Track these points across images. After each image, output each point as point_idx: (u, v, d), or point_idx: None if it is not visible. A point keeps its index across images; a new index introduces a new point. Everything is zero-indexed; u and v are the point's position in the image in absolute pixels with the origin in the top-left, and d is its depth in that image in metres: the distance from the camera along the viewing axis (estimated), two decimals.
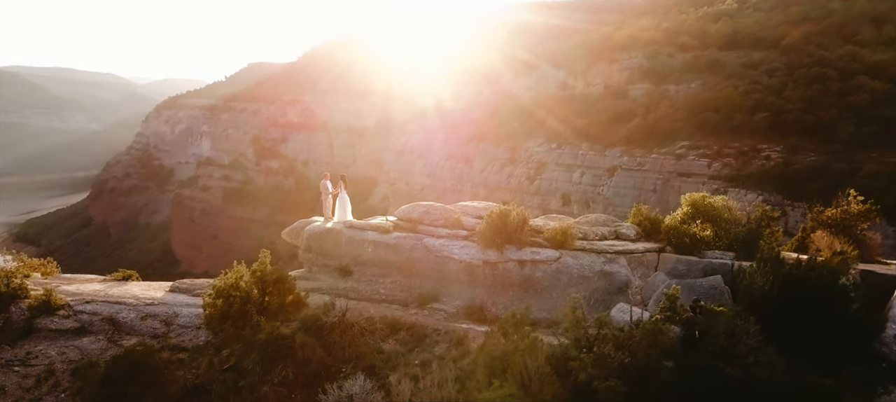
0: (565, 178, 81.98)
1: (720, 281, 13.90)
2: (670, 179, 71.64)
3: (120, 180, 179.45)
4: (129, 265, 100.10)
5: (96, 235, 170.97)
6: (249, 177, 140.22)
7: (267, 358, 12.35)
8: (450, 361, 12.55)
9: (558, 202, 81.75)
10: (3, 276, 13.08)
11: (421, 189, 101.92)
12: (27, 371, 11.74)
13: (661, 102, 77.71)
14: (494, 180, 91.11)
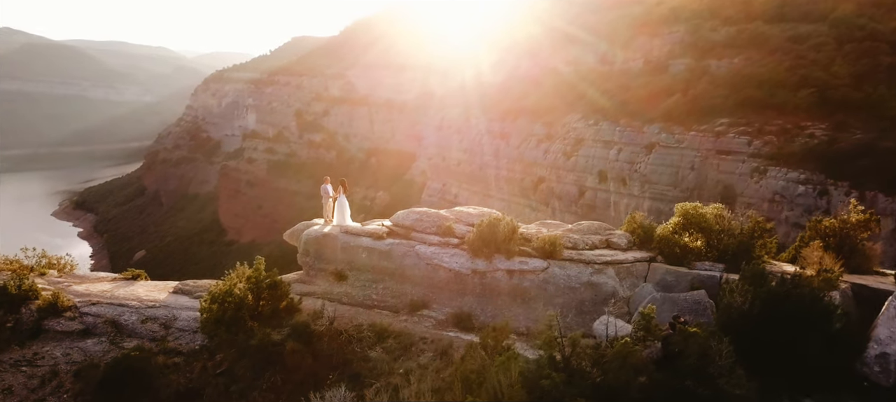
0: (602, 154, 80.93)
1: (704, 296, 13.97)
2: (709, 156, 70.02)
3: (170, 151, 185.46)
4: (178, 235, 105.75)
5: (149, 203, 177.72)
6: (293, 150, 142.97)
7: (258, 364, 13.12)
8: (432, 371, 13.07)
9: (595, 179, 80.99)
10: (15, 278, 14.13)
11: (458, 164, 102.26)
12: (33, 372, 12.76)
13: (702, 77, 75.68)
14: (531, 156, 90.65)
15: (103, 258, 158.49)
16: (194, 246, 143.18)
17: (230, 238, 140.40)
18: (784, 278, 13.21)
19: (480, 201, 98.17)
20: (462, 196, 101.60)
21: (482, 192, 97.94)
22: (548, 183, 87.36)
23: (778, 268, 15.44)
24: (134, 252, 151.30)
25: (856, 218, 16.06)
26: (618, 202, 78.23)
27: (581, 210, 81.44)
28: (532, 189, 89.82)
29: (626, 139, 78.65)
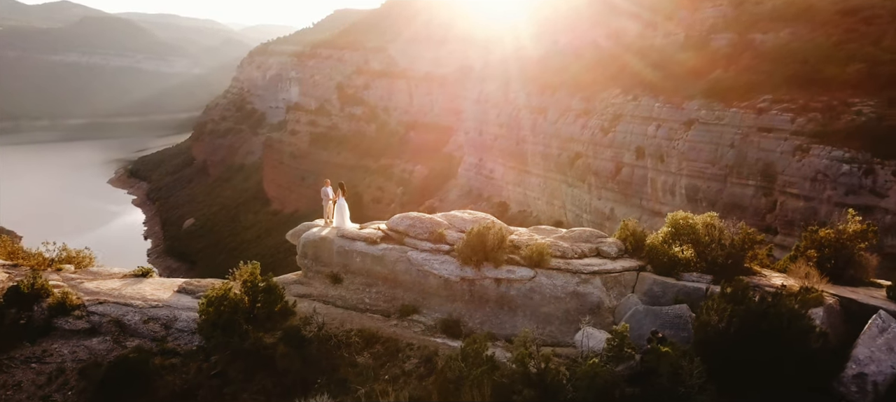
0: (640, 130, 79.50)
1: (686, 310, 14.04)
2: (750, 134, 68.02)
3: (217, 123, 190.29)
4: (224, 205, 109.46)
5: (197, 173, 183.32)
6: (334, 122, 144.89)
7: (250, 366, 13.89)
8: (415, 378, 13.60)
9: (632, 155, 79.77)
10: (30, 276, 15.20)
11: (494, 139, 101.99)
12: (41, 369, 13.77)
13: (745, 52, 73.27)
14: (568, 131, 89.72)
15: (155, 225, 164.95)
16: (241, 215, 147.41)
17: (274, 208, 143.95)
18: (764, 295, 13.17)
19: (517, 177, 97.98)
20: (498, 172, 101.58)
21: (518, 167, 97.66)
22: (585, 159, 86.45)
23: (766, 280, 15.33)
24: (183, 220, 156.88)
25: (853, 228, 15.76)
26: (655, 179, 77.01)
27: (617, 186, 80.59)
28: (569, 165, 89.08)
29: (665, 115, 76.98)
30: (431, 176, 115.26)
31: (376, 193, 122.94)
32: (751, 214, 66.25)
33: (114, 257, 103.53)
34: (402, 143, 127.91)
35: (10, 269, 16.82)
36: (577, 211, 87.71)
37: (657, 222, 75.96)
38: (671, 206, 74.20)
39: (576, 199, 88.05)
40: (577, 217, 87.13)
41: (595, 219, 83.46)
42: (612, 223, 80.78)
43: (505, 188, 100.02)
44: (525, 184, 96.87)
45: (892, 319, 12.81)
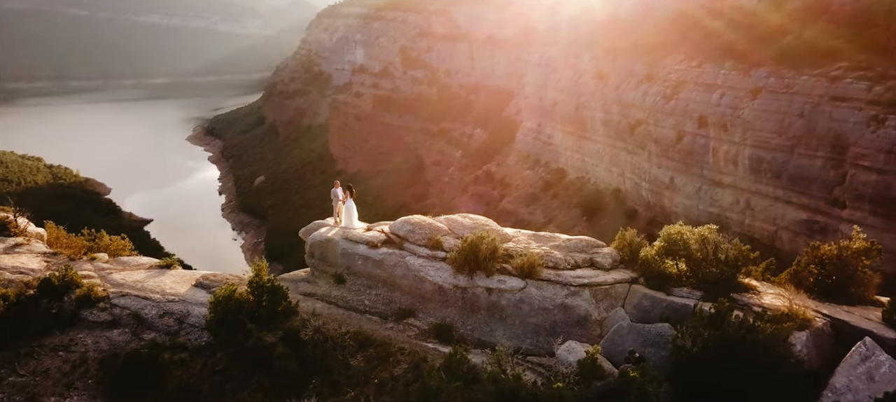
0: (703, 98, 76.46)
1: (668, 329, 14.07)
2: (821, 103, 64.26)
3: (286, 84, 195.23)
4: (293, 164, 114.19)
5: (267, 133, 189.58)
6: (397, 85, 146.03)
7: (250, 365, 14.94)
8: (402, 384, 14.33)
9: (694, 124, 77.02)
10: (61, 268, 16.70)
11: (554, 104, 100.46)
12: (67, 357, 15.26)
13: (822, 16, 68.74)
14: (629, 98, 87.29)
15: (229, 181, 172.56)
16: (307, 174, 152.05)
17: (339, 168, 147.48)
18: (744, 320, 13.04)
19: (575, 143, 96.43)
20: (556, 138, 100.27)
21: (577, 133, 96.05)
22: (645, 126, 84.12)
23: (757, 299, 15.08)
24: (254, 178, 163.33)
25: (858, 245, 15.19)
26: (717, 149, 74.22)
27: (678, 155, 78.22)
28: (628, 132, 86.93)
29: (731, 82, 73.62)
30: (490, 140, 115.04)
31: (437, 157, 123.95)
32: (818, 186, 63.26)
33: (191, 211, 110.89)
34: (462, 106, 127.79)
35: (49, 257, 18.53)
36: (635, 179, 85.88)
37: (717, 193, 73.82)
38: (733, 176, 71.63)
39: (635, 167, 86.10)
40: (636, 186, 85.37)
41: (653, 187, 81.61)
42: (672, 193, 78.76)
43: (563, 154, 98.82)
44: (583, 150, 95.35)
45: (876, 347, 12.47)
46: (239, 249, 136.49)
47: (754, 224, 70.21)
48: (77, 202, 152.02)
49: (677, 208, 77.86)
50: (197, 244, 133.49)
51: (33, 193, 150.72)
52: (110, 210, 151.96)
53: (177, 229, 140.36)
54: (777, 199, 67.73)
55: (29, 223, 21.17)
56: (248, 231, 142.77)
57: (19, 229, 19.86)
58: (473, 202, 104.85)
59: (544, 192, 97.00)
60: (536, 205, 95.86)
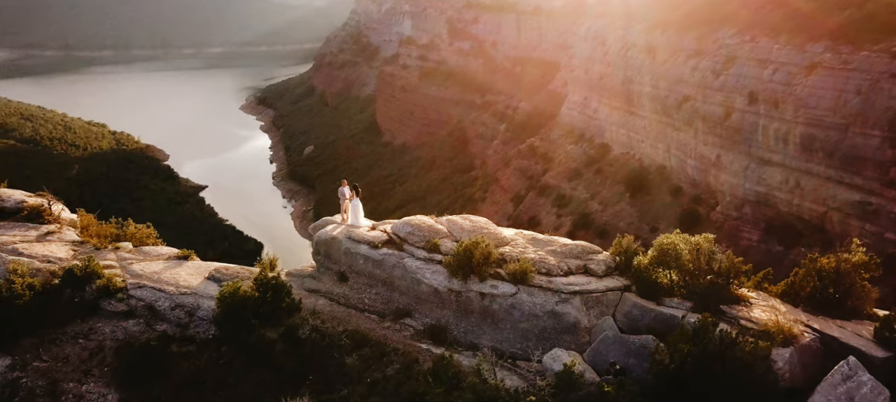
0: (755, 74, 73.66)
1: (650, 341, 14.11)
2: (881, 80, 61.15)
3: (335, 55, 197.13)
4: (340, 135, 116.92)
5: (317, 103, 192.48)
6: (443, 57, 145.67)
7: (252, 359, 15.70)
8: (393, 385, 14.86)
9: (744, 100, 74.47)
10: (85, 260, 17.77)
11: (600, 78, 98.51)
12: (86, 345, 16.31)
13: None
14: (676, 73, 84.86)
15: (279, 151, 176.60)
16: (354, 145, 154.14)
17: (385, 140, 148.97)
18: (723, 338, 12.98)
19: (621, 119, 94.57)
20: (602, 112, 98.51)
21: (623, 108, 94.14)
22: (693, 102, 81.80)
23: (746, 312, 14.92)
24: (304, 147, 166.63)
25: (857, 259, 14.79)
26: (767, 126, 71.67)
27: (725, 132, 75.93)
28: (676, 108, 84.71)
29: (784, 58, 70.64)
30: (535, 113, 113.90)
31: (481, 130, 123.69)
32: (872, 166, 60.72)
33: (244, 179, 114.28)
34: (507, 79, 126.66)
35: (77, 246, 19.73)
36: (681, 156, 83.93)
37: (765, 172, 71.48)
38: (783, 155, 69.23)
39: (681, 144, 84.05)
40: (681, 163, 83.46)
41: (699, 165, 79.66)
42: (718, 170, 76.70)
43: (608, 129, 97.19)
44: (629, 125, 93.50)
45: (859, 367, 12.24)
46: (289, 216, 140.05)
47: (803, 205, 67.92)
48: (138, 168, 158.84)
49: (723, 186, 75.92)
50: (249, 211, 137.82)
51: (98, 159, 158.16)
52: (169, 176, 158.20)
53: (230, 196, 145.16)
54: (829, 179, 65.22)
55: (63, 209, 22.49)
56: (298, 199, 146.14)
57: (53, 216, 21.22)
58: (516, 176, 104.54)
59: (588, 167, 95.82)
60: (579, 180, 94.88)
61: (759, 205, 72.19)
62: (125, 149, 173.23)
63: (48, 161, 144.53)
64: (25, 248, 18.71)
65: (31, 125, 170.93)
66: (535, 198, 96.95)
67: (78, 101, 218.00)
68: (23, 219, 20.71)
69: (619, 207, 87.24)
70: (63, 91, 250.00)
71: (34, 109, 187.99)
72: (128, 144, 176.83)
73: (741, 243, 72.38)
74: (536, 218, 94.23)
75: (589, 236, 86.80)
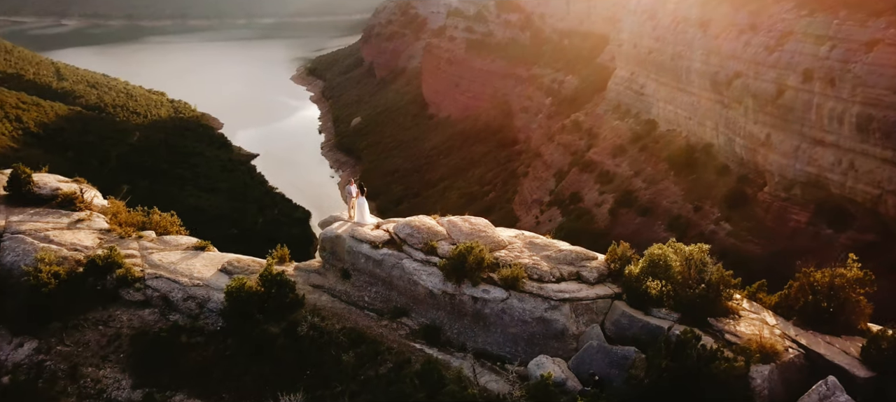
0: (811, 51, 70.48)
1: (632, 353, 14.20)
2: None
3: (384, 26, 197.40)
4: (387, 105, 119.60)
5: (365, 75, 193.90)
6: (490, 29, 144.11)
7: (255, 352, 16.49)
8: (384, 383, 15.46)
9: (798, 78, 71.49)
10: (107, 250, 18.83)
11: (649, 53, 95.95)
12: (105, 331, 17.38)
13: None
14: (728, 48, 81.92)
15: (328, 121, 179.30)
16: (400, 117, 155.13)
17: (430, 112, 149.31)
18: (700, 354, 12.98)
19: (668, 94, 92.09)
20: (649, 87, 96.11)
21: (671, 84, 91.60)
22: (744, 79, 78.97)
23: (732, 326, 14.78)
24: (351, 118, 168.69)
25: (853, 274, 14.42)
26: (821, 105, 68.69)
27: (777, 111, 73.20)
28: (726, 85, 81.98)
29: (844, 34, 67.31)
30: (581, 87, 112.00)
31: (526, 103, 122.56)
32: None
33: (293, 148, 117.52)
34: (554, 52, 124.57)
35: (103, 234, 20.88)
36: (729, 134, 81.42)
37: (817, 153, 68.90)
38: (837, 135, 66.45)
39: (730, 122, 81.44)
40: (729, 141, 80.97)
41: (748, 144, 77.15)
42: (767, 150, 74.14)
43: (655, 105, 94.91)
44: (676, 102, 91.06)
45: (837, 387, 12.08)
46: (336, 186, 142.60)
47: (856, 187, 65.25)
48: (194, 135, 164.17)
49: (772, 166, 73.44)
50: (297, 180, 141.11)
51: (158, 126, 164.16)
52: (222, 144, 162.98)
53: (280, 165, 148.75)
54: (885, 161, 62.35)
55: (96, 196, 23.78)
56: (345, 170, 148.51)
57: (84, 203, 22.49)
58: (559, 152, 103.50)
59: (632, 143, 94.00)
60: (623, 157, 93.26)
61: (809, 186, 69.70)
62: (182, 117, 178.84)
63: (111, 127, 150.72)
64: (56, 235, 19.99)
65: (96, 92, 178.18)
66: (578, 174, 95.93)
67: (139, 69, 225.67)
68: (57, 205, 22.03)
69: (663, 185, 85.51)
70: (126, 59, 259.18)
71: (99, 77, 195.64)
72: (185, 112, 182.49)
73: (789, 224, 70.20)
74: (578, 194, 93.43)
75: (631, 214, 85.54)
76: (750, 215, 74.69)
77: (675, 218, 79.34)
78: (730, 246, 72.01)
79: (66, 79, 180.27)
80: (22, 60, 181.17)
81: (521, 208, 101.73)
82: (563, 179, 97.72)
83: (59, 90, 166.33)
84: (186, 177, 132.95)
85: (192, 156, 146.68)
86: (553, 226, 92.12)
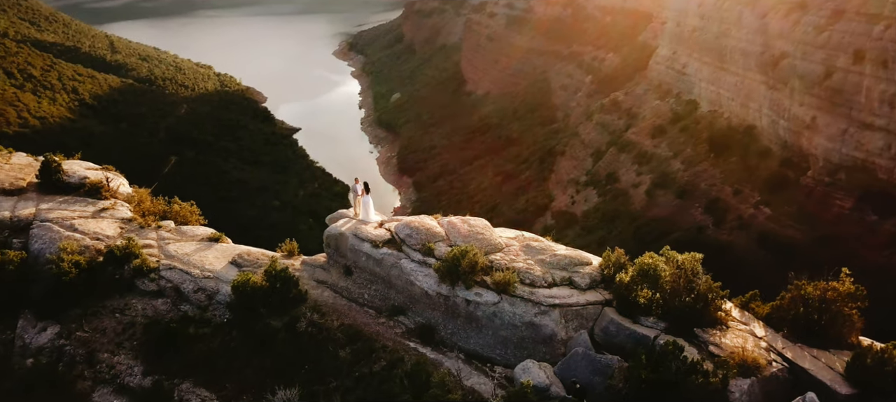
0: (863, 30, 67.51)
1: (614, 362, 14.31)
2: None
3: (424, 2, 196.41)
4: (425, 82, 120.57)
5: (405, 51, 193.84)
6: (530, 5, 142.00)
7: (258, 345, 17.15)
8: (376, 381, 15.98)
9: (848, 59, 68.68)
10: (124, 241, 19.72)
11: (692, 31, 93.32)
12: (121, 319, 18.28)
13: None
14: (776, 27, 79.12)
15: (368, 97, 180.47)
16: (438, 94, 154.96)
17: (469, 89, 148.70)
18: (679, 366, 13.03)
19: (711, 74, 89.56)
20: (691, 67, 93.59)
21: (714, 64, 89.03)
22: (791, 59, 76.19)
23: (718, 337, 14.68)
24: (391, 95, 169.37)
25: (845, 289, 14.15)
26: (872, 88, 65.96)
27: (824, 93, 70.55)
28: (771, 65, 79.30)
29: None
30: (622, 66, 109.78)
31: (565, 81, 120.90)
32: None
33: (334, 123, 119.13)
34: (596, 30, 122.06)
35: (125, 223, 21.84)
36: (773, 116, 78.90)
37: (866, 137, 66.45)
38: (888, 119, 63.89)
39: (774, 103, 78.86)
40: (773, 123, 78.48)
41: (792, 126, 74.67)
42: (812, 133, 71.69)
43: (696, 85, 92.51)
44: (719, 82, 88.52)
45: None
46: (374, 161, 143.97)
47: None
48: (239, 109, 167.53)
49: (816, 149, 70.99)
50: (338, 154, 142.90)
51: (205, 99, 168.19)
52: (266, 118, 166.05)
53: (321, 139, 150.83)
54: None
55: (122, 184, 24.81)
56: (383, 145, 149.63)
57: (110, 192, 23.52)
58: (597, 131, 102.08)
59: (672, 124, 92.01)
60: (662, 138, 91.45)
61: (855, 171, 67.28)
62: (228, 90, 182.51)
63: (161, 100, 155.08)
64: (81, 224, 21.05)
65: (147, 65, 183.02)
66: (616, 154, 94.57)
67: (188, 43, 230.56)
68: (85, 193, 23.12)
69: (702, 167, 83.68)
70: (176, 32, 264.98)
71: (150, 50, 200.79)
72: (230, 86, 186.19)
73: (832, 210, 68.10)
74: (615, 174, 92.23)
75: (668, 196, 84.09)
76: (791, 199, 72.64)
77: (712, 201, 77.72)
78: (769, 231, 70.33)
79: (119, 52, 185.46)
80: (78, 33, 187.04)
81: (557, 187, 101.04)
82: (600, 158, 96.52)
83: (113, 63, 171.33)
84: (231, 149, 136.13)
85: (237, 129, 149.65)
86: (589, 206, 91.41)
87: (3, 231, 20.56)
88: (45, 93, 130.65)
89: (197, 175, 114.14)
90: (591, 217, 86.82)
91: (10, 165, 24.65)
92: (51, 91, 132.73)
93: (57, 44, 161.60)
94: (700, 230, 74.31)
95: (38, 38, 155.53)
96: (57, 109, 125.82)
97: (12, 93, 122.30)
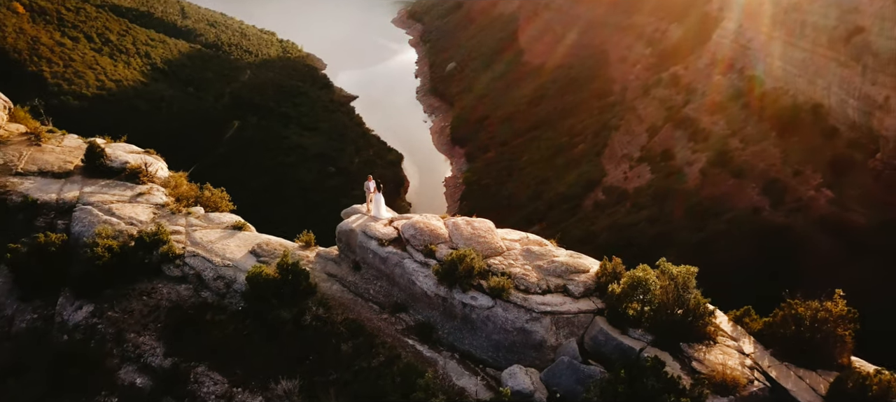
0: None
1: (597, 372, 14.51)
2: None
3: None
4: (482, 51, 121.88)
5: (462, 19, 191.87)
6: None
7: (267, 335, 18.10)
8: (374, 376, 16.72)
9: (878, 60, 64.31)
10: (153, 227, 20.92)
11: (760, 4, 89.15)
12: (148, 302, 19.55)
13: None
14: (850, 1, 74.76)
15: (424, 66, 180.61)
16: (494, 63, 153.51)
17: (525, 59, 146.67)
18: (656, 384, 13.13)
19: (778, 49, 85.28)
20: (757, 41, 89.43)
21: (782, 38, 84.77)
22: (866, 35, 71.91)
23: (703, 353, 14.57)
24: (447, 64, 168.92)
25: (838, 311, 13.83)
26: None
27: None
28: (843, 41, 74.97)
29: None
30: (684, 38, 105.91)
31: (624, 53, 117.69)
32: None
33: (389, 90, 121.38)
34: None
35: (158, 208, 23.21)
36: (842, 95, 74.84)
37: None
38: None
39: (844, 81, 74.71)
40: (842, 103, 74.47)
41: (863, 106, 70.73)
42: (884, 114, 67.83)
43: (762, 61, 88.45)
44: (786, 57, 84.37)
45: None
46: (428, 131, 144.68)
47: None
48: (300, 75, 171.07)
49: (888, 131, 67.17)
50: (392, 123, 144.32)
51: (267, 66, 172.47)
52: (325, 85, 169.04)
53: (377, 107, 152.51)
54: None
55: (161, 167, 26.24)
56: (437, 115, 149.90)
57: (148, 176, 24.94)
58: (654, 106, 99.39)
59: (733, 101, 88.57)
60: (722, 115, 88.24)
61: None
62: (289, 57, 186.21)
63: (226, 65, 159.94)
64: (118, 208, 22.54)
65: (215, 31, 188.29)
66: (672, 130, 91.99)
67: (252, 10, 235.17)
68: (125, 178, 24.64)
69: (762, 146, 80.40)
70: None
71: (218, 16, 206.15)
72: (292, 53, 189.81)
73: None
74: (670, 151, 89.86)
75: (723, 175, 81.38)
76: (857, 182, 69.14)
77: (770, 182, 74.83)
78: (830, 214, 67.35)
79: (189, 17, 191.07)
80: None
81: (610, 162, 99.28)
82: (656, 135, 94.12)
83: (183, 28, 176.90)
84: (291, 115, 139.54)
85: (297, 95, 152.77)
86: (642, 182, 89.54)
87: (50, 213, 22.27)
88: (120, 57, 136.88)
89: (257, 140, 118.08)
90: (642, 194, 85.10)
91: (61, 148, 26.43)
92: (126, 55, 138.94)
93: (133, 9, 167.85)
94: (755, 211, 71.83)
95: (116, 2, 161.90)
96: (130, 73, 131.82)
97: (91, 56, 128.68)
